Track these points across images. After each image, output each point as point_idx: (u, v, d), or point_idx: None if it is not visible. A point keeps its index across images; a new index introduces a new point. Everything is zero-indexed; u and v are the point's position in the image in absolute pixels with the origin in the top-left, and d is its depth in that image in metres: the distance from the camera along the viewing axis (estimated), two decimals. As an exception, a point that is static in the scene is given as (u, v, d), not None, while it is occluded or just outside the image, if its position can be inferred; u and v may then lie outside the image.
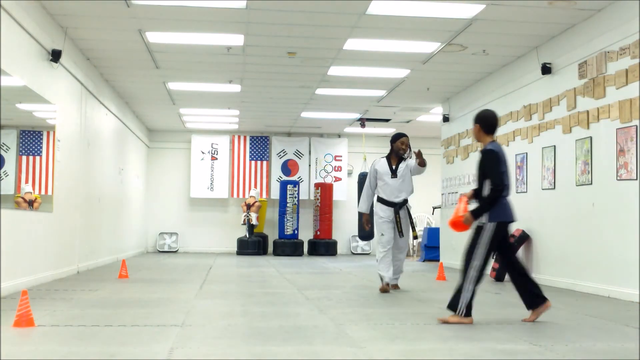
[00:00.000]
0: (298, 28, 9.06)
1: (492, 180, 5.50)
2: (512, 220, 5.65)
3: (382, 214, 8.11)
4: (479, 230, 5.56)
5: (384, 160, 8.28)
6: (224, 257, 16.35)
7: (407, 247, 8.38)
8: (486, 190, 5.57)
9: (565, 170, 8.96)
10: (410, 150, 8.32)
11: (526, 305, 5.73)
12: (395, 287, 8.38)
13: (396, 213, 8.03)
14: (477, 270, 5.48)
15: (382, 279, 8.11)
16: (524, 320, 5.69)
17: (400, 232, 8.02)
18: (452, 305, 5.56)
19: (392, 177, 8.13)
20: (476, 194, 5.71)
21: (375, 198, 8.35)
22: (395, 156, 8.22)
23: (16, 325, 5.00)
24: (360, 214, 8.27)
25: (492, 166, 5.54)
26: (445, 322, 5.53)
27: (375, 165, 8.29)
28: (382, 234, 8.07)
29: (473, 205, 5.66)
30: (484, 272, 5.52)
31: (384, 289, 8.02)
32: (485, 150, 5.64)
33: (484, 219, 5.55)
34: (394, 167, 8.17)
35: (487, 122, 5.74)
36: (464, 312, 5.49)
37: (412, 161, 8.22)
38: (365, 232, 17.47)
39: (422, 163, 8.00)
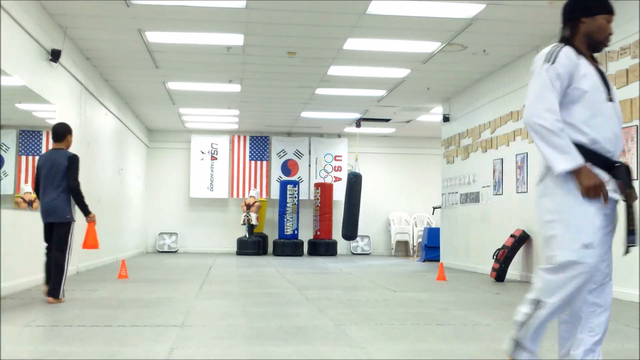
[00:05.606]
0: (298, 28, 9.06)
1: (75, 180, 6.73)
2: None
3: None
4: (68, 227, 6.83)
5: (575, 55, 3.42)
6: (223, 257, 16.34)
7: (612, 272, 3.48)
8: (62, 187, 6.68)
9: (565, 170, 8.93)
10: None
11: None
12: None
13: (628, 186, 3.46)
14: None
15: None
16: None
17: (633, 232, 3.50)
18: (55, 292, 6.42)
19: (608, 100, 3.36)
20: None
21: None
22: (590, 50, 3.52)
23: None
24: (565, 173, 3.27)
25: (77, 170, 6.77)
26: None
27: (559, 64, 3.41)
28: (586, 245, 3.26)
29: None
30: None
31: None
32: (76, 156, 6.79)
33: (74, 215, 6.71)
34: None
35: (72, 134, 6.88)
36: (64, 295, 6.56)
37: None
38: (351, 231, 17.31)
39: None
